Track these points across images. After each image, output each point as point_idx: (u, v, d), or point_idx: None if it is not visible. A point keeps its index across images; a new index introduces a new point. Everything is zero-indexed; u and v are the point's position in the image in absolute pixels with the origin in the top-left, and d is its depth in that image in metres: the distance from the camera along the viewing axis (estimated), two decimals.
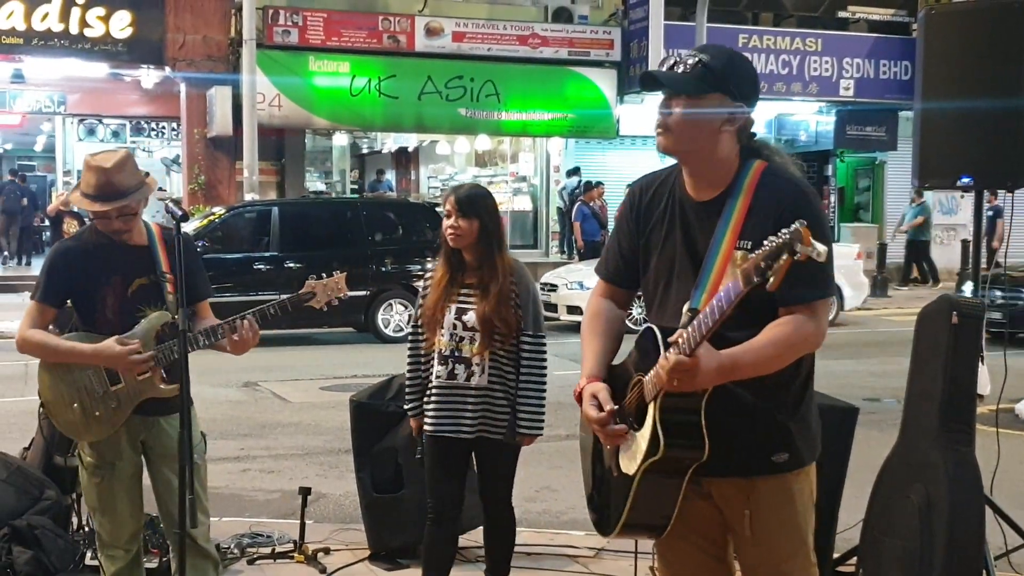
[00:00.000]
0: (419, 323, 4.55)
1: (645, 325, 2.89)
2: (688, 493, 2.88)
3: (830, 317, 2.88)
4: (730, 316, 2.57)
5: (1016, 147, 4.67)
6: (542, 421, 4.46)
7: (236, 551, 5.46)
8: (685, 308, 2.78)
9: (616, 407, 2.89)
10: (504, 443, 4.44)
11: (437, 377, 4.42)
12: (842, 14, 24.21)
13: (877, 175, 25.06)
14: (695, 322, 2.63)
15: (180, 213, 3.71)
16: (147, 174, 4.05)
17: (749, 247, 2.71)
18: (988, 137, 4.70)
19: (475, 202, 4.38)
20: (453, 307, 4.39)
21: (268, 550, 5.48)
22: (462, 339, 4.36)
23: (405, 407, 4.66)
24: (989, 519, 4.47)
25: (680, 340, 2.65)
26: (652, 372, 2.75)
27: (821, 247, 2.41)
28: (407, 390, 4.63)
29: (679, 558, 3.14)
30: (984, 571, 4.33)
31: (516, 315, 4.37)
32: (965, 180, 4.73)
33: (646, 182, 3.15)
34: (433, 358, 4.47)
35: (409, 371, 4.60)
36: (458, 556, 5.33)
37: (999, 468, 4.73)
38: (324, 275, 4.10)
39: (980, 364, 4.60)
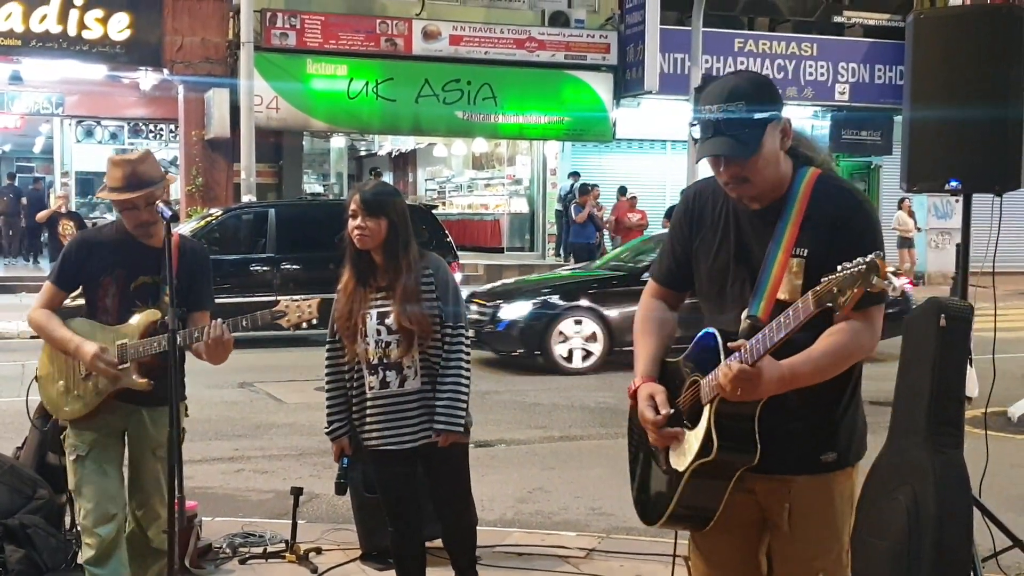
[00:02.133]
0: (336, 335, 4.31)
1: (705, 328, 2.94)
2: (731, 487, 2.94)
3: None
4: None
5: (1004, 151, 4.69)
6: (460, 418, 4.20)
7: (228, 551, 5.47)
8: (744, 315, 2.85)
9: (672, 411, 2.95)
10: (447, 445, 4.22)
11: (371, 388, 4.21)
12: (837, 19, 24.26)
13: (872, 179, 25.11)
14: (760, 334, 2.70)
15: (170, 214, 3.81)
16: (167, 171, 4.17)
17: (805, 255, 2.83)
18: (976, 141, 4.72)
19: (383, 201, 4.19)
20: (374, 312, 4.18)
21: (260, 550, 5.49)
22: (388, 344, 4.15)
23: (326, 429, 4.38)
24: (977, 521, 4.50)
25: (743, 350, 2.71)
26: (711, 376, 2.82)
27: (897, 282, 2.48)
28: (328, 409, 4.35)
29: (714, 549, 3.18)
30: (972, 573, 4.35)
31: (434, 310, 4.17)
32: (953, 184, 4.75)
33: (700, 187, 3.18)
34: (356, 370, 4.26)
35: (329, 387, 4.35)
36: (439, 556, 5.37)
37: (989, 471, 4.74)
38: (299, 298, 4.13)
39: (968, 366, 4.62)
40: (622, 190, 21.12)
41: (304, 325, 4.09)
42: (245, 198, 17.63)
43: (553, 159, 23.36)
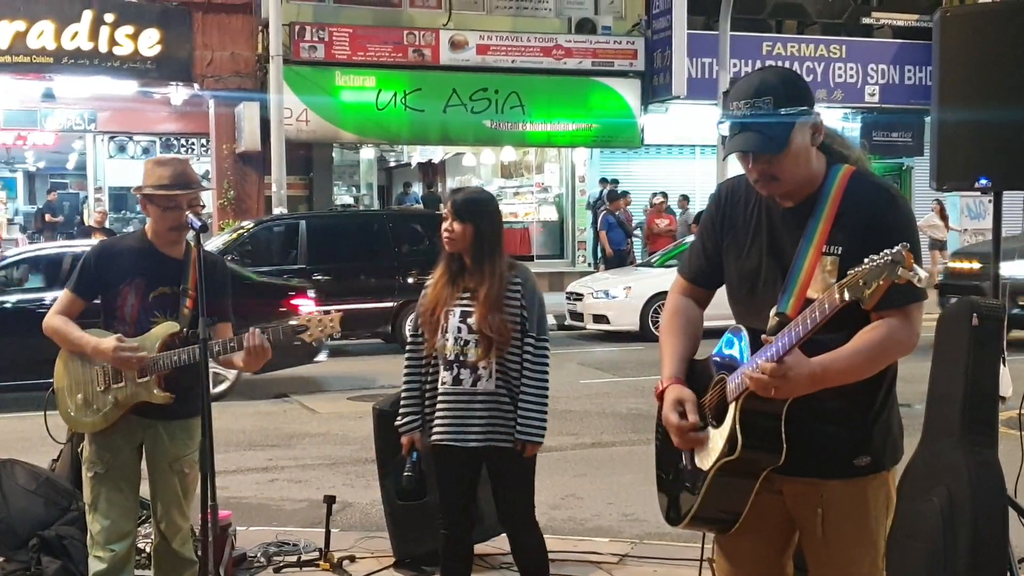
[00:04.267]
0: (418, 328, 4.43)
1: (734, 325, 2.93)
2: (758, 488, 2.91)
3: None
4: (837, 318, 2.63)
5: None
6: (542, 428, 4.28)
7: (262, 559, 5.51)
8: (772, 312, 2.82)
9: (697, 421, 2.93)
10: (516, 452, 4.27)
11: (443, 384, 4.29)
12: (866, 20, 24.10)
13: (904, 180, 24.92)
14: (788, 329, 2.69)
15: (199, 224, 3.80)
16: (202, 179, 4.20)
17: (839, 252, 2.80)
18: (1006, 138, 4.68)
19: (471, 207, 4.31)
20: (457, 310, 4.28)
21: (294, 558, 5.53)
22: (467, 343, 4.23)
23: (398, 422, 4.45)
24: (1013, 522, 4.45)
25: (770, 345, 2.70)
26: (738, 373, 2.81)
27: (922, 272, 2.46)
28: (403, 400, 4.45)
29: (739, 552, 3.15)
30: (1008, 573, 4.31)
31: (516, 319, 4.24)
32: (983, 182, 4.71)
33: (732, 184, 3.16)
34: (433, 364, 4.35)
35: (406, 380, 4.44)
36: (481, 563, 5.37)
37: (1023, 470, 4.70)
38: (321, 310, 4.13)
39: (1001, 366, 4.58)
40: (654, 195, 21.09)
41: (327, 339, 4.09)
42: (276, 210, 17.72)
43: (582, 166, 23.33)
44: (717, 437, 2.87)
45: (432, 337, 4.33)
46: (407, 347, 4.48)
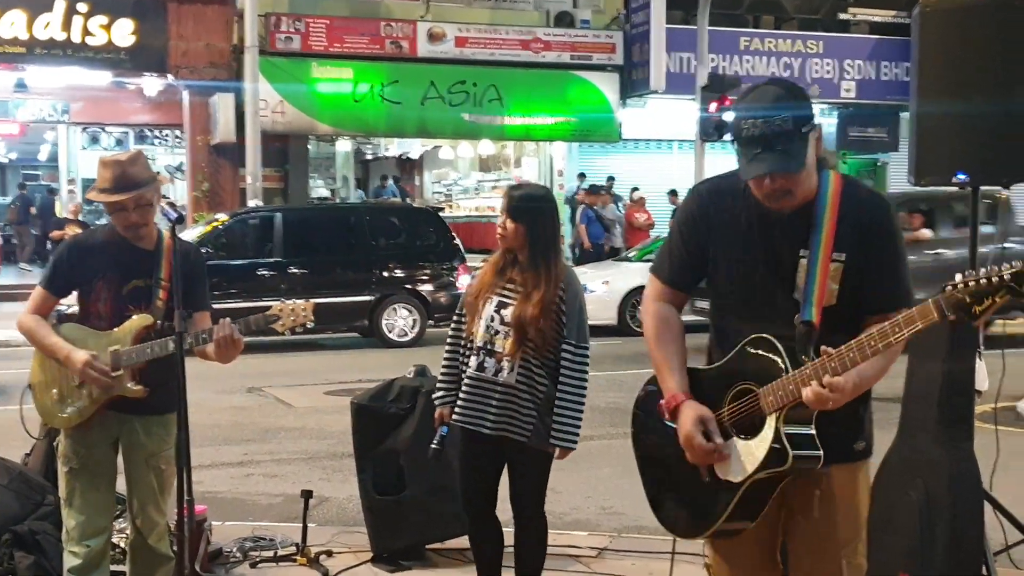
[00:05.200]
0: (462, 308, 4.49)
1: (756, 336, 2.92)
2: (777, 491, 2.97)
3: None
4: (823, 320, 2.84)
5: (1012, 144, 4.66)
6: (577, 434, 4.31)
7: (238, 554, 5.46)
8: (797, 320, 2.87)
9: (722, 442, 2.94)
10: (532, 448, 4.30)
11: (468, 367, 4.37)
12: (843, 16, 24.21)
13: (879, 176, 25.04)
14: (854, 348, 2.72)
15: (175, 216, 3.76)
16: (158, 173, 4.11)
17: (843, 259, 2.88)
18: (984, 134, 4.69)
19: (524, 207, 4.31)
20: (495, 299, 4.32)
21: (270, 553, 5.48)
22: (497, 332, 4.28)
23: (434, 396, 4.58)
24: (988, 516, 4.48)
25: (831, 363, 2.74)
26: (781, 385, 2.82)
27: None
28: (440, 376, 4.55)
29: (737, 550, 3.17)
30: (984, 567, 4.33)
31: (557, 325, 4.26)
32: (961, 177, 4.73)
33: (713, 187, 3.15)
34: (468, 347, 4.41)
35: (446, 357, 4.53)
36: (461, 557, 5.36)
37: (999, 465, 4.72)
38: (292, 301, 4.07)
39: (978, 360, 4.60)
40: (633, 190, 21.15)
41: (299, 328, 4.05)
42: (251, 203, 17.64)
43: (560, 160, 23.32)
44: (752, 449, 2.89)
45: (471, 320, 4.40)
46: (452, 324, 4.56)
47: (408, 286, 14.79)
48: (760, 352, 2.91)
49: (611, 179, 22.26)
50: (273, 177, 20.97)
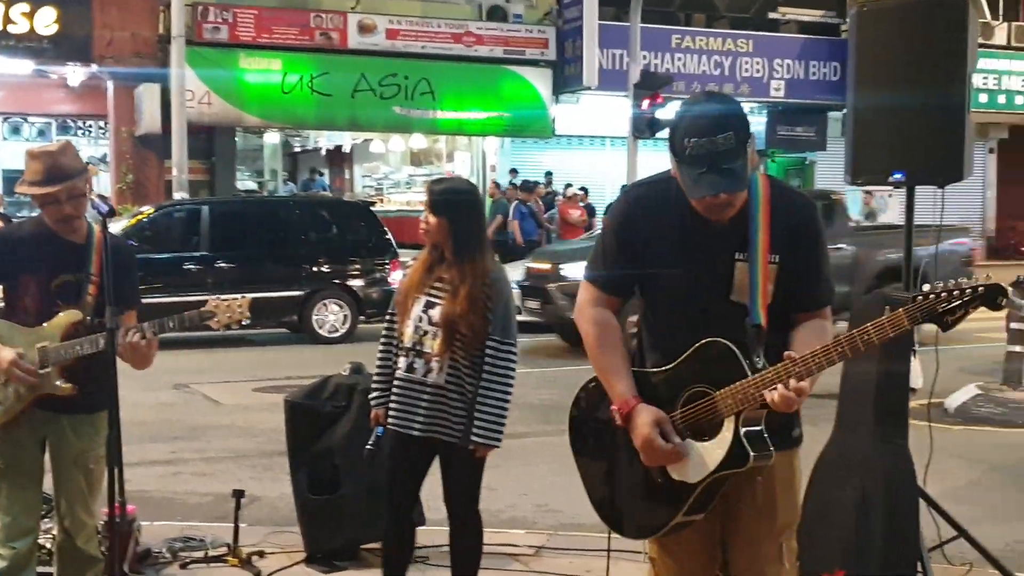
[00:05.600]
0: (394, 307, 4.43)
1: (710, 340, 2.92)
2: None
3: None
4: (770, 321, 2.91)
5: (948, 143, 4.72)
6: (499, 432, 4.23)
7: (168, 555, 5.34)
8: (748, 323, 2.92)
9: (680, 442, 2.96)
10: (462, 448, 4.25)
11: (398, 369, 4.31)
12: (772, 15, 24.48)
13: (807, 175, 25.39)
14: (816, 355, 2.78)
15: (106, 208, 3.66)
16: (88, 163, 3.98)
17: (777, 261, 2.96)
18: (920, 133, 4.74)
19: (446, 201, 4.26)
20: (423, 299, 4.26)
21: (201, 554, 5.37)
22: (426, 333, 4.22)
23: (369, 396, 4.51)
24: (922, 512, 4.52)
25: (795, 368, 2.79)
26: (740, 389, 2.85)
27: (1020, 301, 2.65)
28: (375, 376, 4.49)
29: (682, 548, 3.19)
30: (919, 562, 4.38)
31: (485, 322, 4.20)
32: (897, 176, 4.77)
33: (645, 193, 3.15)
34: (398, 347, 4.36)
35: (379, 357, 4.47)
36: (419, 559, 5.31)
37: (931, 462, 4.78)
38: (229, 297, 3.99)
39: (912, 358, 4.65)
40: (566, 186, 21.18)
41: (235, 325, 3.96)
42: (177, 195, 17.34)
43: (492, 155, 23.29)
44: (710, 451, 2.93)
45: (401, 320, 4.34)
46: (384, 324, 4.50)
47: (338, 281, 14.63)
48: (715, 356, 2.92)
49: (549, 175, 22.27)
50: (199, 169, 20.66)
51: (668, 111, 19.76)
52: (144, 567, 5.20)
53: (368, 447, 4.43)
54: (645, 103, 18.36)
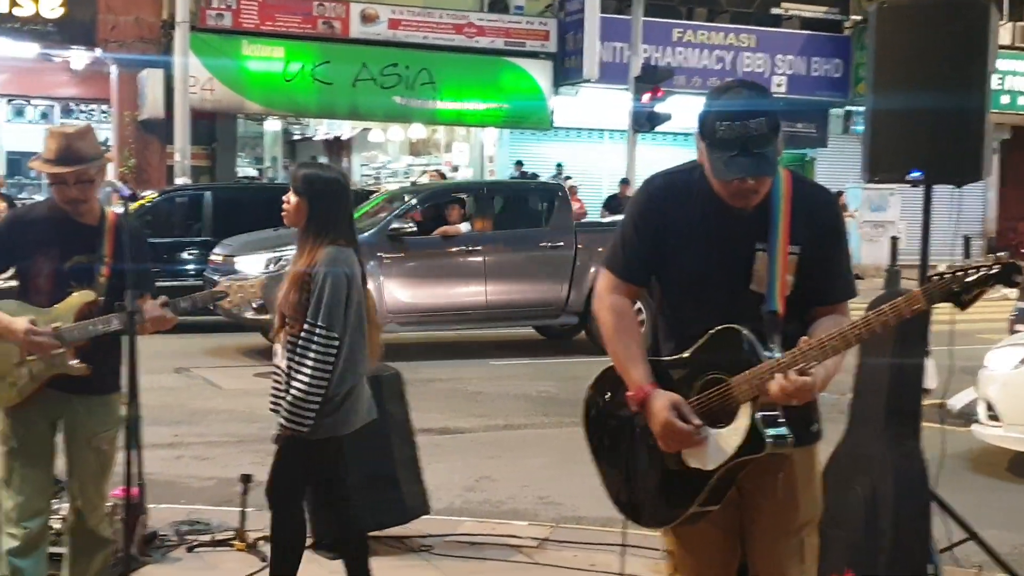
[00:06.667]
0: None
1: (726, 327, 2.93)
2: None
3: None
4: (788, 312, 2.91)
5: (966, 143, 4.71)
6: (296, 417, 4.05)
7: (175, 538, 5.35)
8: (764, 310, 2.93)
9: (701, 424, 2.95)
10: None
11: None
12: (775, 11, 24.47)
13: (807, 172, 25.37)
14: (833, 338, 2.78)
15: (129, 192, 3.65)
16: (107, 149, 3.98)
17: (799, 251, 2.97)
18: (938, 132, 4.72)
19: (307, 183, 4.09)
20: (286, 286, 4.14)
21: (207, 537, 5.38)
22: (272, 318, 4.15)
23: None
24: (934, 513, 4.52)
25: (812, 352, 2.79)
26: (752, 376, 2.85)
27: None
28: None
29: (696, 536, 3.18)
30: (930, 564, 4.37)
31: (307, 303, 4.02)
32: (915, 174, 4.75)
33: (667, 182, 3.14)
34: None
35: None
36: (400, 544, 5.31)
37: (934, 463, 4.76)
38: (241, 279, 4.02)
39: (926, 358, 4.64)
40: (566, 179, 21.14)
41: (247, 306, 3.96)
42: (179, 180, 17.33)
43: (491, 146, 23.27)
44: (724, 437, 2.91)
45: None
46: None
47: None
48: (730, 342, 2.92)
49: (560, 167, 22.21)
50: (200, 155, 20.65)
51: (668, 105, 19.77)
52: (151, 550, 5.19)
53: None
54: (646, 97, 18.36)
